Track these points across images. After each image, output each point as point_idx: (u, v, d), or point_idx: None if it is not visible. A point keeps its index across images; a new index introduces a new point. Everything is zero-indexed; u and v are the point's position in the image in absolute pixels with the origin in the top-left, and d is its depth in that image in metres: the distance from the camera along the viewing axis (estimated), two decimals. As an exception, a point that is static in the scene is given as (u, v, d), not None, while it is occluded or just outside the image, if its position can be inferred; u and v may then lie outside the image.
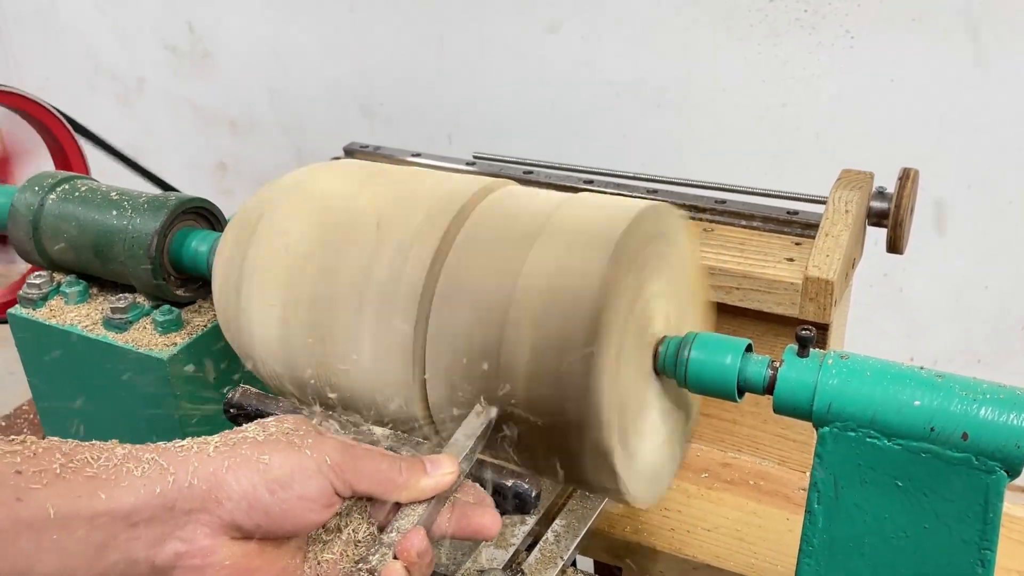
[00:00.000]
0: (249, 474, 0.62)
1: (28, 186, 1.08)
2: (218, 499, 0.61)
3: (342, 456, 0.65)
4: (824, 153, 1.84)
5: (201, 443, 0.64)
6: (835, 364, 0.71)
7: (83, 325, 1.03)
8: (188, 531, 0.61)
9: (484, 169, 1.30)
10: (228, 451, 0.63)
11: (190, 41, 2.62)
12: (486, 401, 0.75)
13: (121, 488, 0.59)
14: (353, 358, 0.81)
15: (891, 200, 1.06)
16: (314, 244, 0.84)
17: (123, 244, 1.00)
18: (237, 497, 0.61)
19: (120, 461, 0.60)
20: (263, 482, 0.62)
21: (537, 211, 0.79)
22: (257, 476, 0.62)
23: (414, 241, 0.80)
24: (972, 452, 0.66)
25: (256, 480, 0.62)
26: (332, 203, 0.87)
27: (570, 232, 0.76)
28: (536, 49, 2.07)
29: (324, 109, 2.48)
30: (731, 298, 1.04)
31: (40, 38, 2.95)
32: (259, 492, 0.62)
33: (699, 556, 1.01)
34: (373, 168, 0.93)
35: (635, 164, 1.86)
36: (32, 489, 0.56)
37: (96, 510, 0.58)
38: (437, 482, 0.68)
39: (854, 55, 1.76)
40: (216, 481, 0.61)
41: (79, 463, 0.59)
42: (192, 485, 0.61)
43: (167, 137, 2.82)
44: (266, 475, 0.62)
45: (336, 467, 0.65)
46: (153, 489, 0.60)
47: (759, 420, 1.12)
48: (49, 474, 0.58)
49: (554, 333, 0.72)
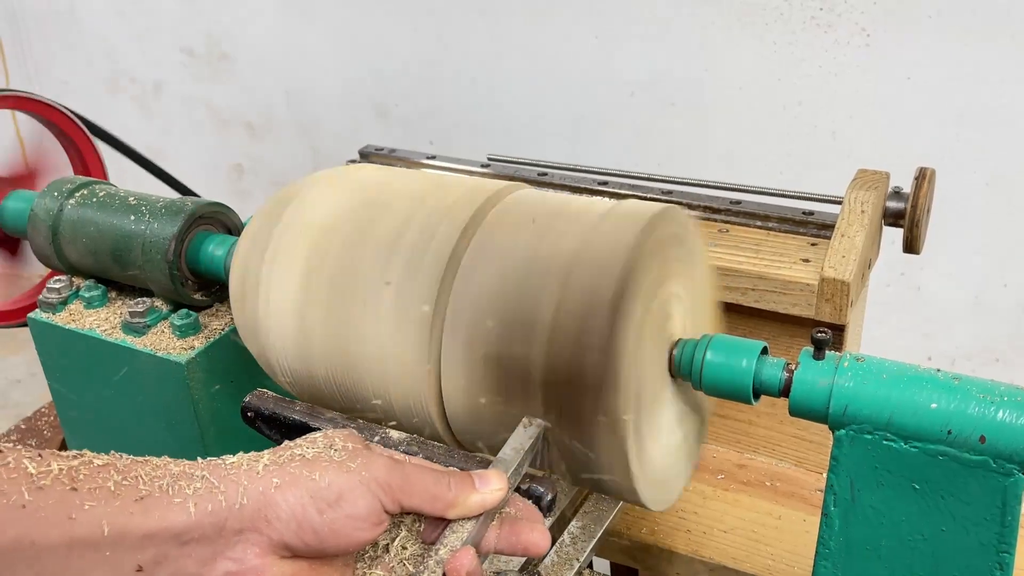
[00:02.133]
0: (298, 493, 0.62)
1: (47, 191, 1.10)
2: (268, 519, 0.61)
3: (391, 474, 0.65)
4: (840, 151, 1.84)
5: (252, 460, 0.64)
6: (851, 366, 0.70)
7: (102, 329, 1.04)
8: (238, 550, 0.61)
9: (499, 171, 1.30)
10: (278, 469, 0.63)
11: (207, 44, 2.64)
12: (505, 361, 0.75)
13: (174, 507, 0.59)
14: (371, 336, 0.81)
15: (907, 200, 1.06)
16: (341, 218, 0.85)
17: (141, 249, 1.01)
18: (286, 517, 0.61)
19: (173, 479, 0.60)
20: (312, 501, 0.62)
21: (568, 198, 0.81)
22: (306, 495, 0.62)
23: (446, 214, 0.81)
24: (990, 455, 0.65)
25: (305, 499, 0.62)
26: (365, 183, 0.89)
27: (599, 213, 0.78)
28: (551, 49, 2.07)
29: (339, 110, 2.49)
30: (746, 299, 1.04)
31: (59, 42, 2.97)
32: (308, 512, 0.62)
33: (716, 558, 1.01)
34: (396, 168, 0.94)
35: (650, 164, 1.87)
36: (87, 507, 0.57)
37: (149, 529, 0.58)
38: (486, 498, 0.67)
39: (870, 53, 1.75)
40: (266, 500, 0.61)
41: (133, 480, 0.59)
42: (242, 505, 0.61)
43: (184, 139, 2.84)
44: (315, 494, 0.62)
45: (385, 485, 0.64)
46: (205, 508, 0.60)
47: (775, 421, 1.12)
48: (104, 491, 0.58)
49: (580, 294, 0.72)
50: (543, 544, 0.69)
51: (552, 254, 0.75)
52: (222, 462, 0.64)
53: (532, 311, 0.74)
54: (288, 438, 0.84)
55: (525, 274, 0.75)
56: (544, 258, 0.75)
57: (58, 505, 0.56)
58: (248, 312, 0.89)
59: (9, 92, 1.22)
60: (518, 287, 0.75)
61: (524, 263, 0.76)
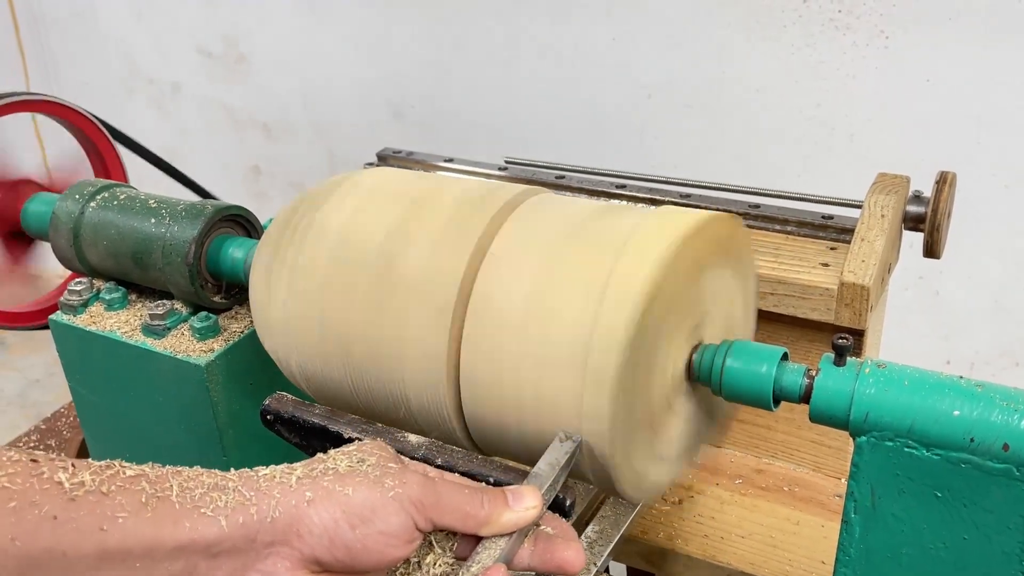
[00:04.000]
0: (331, 508, 0.61)
1: (69, 194, 1.10)
2: (299, 533, 0.61)
3: (424, 492, 0.64)
4: (859, 155, 1.83)
5: (285, 472, 0.64)
6: (872, 373, 0.70)
7: (122, 331, 1.05)
8: (269, 564, 0.61)
9: (516, 174, 1.30)
10: (311, 483, 0.63)
11: (224, 46, 2.65)
12: None
13: (205, 519, 0.59)
14: (391, 339, 0.81)
15: (928, 204, 1.05)
16: (362, 221, 0.85)
17: (161, 251, 1.02)
18: (319, 532, 0.61)
19: (206, 491, 0.60)
20: (345, 517, 0.61)
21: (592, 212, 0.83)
22: (339, 511, 0.61)
23: (489, 197, 0.82)
24: (1013, 463, 0.65)
25: (338, 515, 0.61)
26: (386, 187, 0.89)
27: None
28: (567, 51, 2.07)
29: (356, 112, 2.49)
30: (766, 304, 1.03)
31: (78, 44, 3.00)
32: (340, 527, 0.61)
33: (733, 563, 1.01)
34: (415, 172, 0.94)
35: (667, 166, 1.87)
36: (118, 518, 0.56)
37: (180, 540, 0.58)
38: (520, 517, 0.66)
39: (889, 55, 1.74)
40: (298, 514, 0.61)
41: (165, 491, 0.59)
42: (274, 518, 0.60)
43: (201, 141, 2.85)
44: (348, 510, 0.62)
45: (418, 503, 0.64)
46: (236, 521, 0.59)
47: (794, 426, 1.11)
48: (135, 503, 0.57)
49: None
50: (578, 563, 0.68)
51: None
52: (254, 474, 0.63)
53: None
54: (307, 442, 0.85)
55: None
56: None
57: (89, 516, 0.56)
58: (268, 315, 0.90)
59: (33, 96, 1.23)
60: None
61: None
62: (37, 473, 0.56)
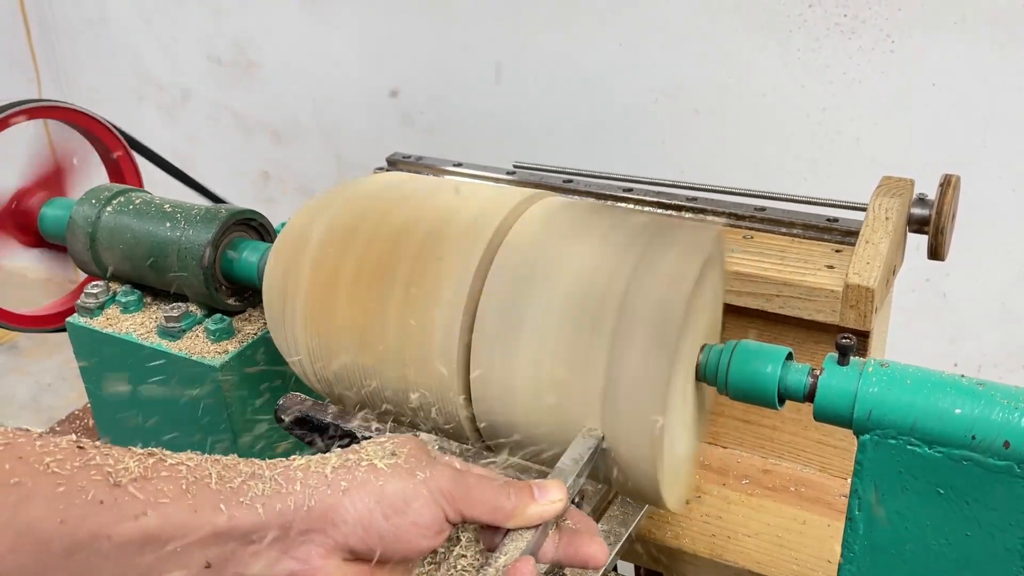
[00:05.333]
0: (365, 498, 0.63)
1: (85, 199, 1.12)
2: (334, 521, 0.62)
3: (454, 484, 0.66)
4: (864, 158, 1.83)
5: (319, 462, 0.65)
6: (875, 372, 0.71)
7: (138, 333, 1.06)
8: (303, 551, 0.62)
9: (524, 178, 1.31)
10: (345, 473, 0.64)
11: (234, 52, 2.67)
12: None
13: (243, 507, 0.60)
14: (403, 340, 0.82)
15: (932, 207, 1.06)
16: (375, 224, 0.87)
17: (176, 255, 1.04)
18: (353, 521, 0.62)
19: (244, 479, 0.62)
20: (379, 507, 0.63)
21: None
22: (373, 501, 0.63)
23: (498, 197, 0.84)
24: (1014, 460, 0.66)
25: (372, 505, 0.63)
26: (396, 190, 0.90)
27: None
28: (574, 56, 2.08)
29: (365, 118, 2.51)
30: (771, 306, 1.04)
31: (89, 51, 3.02)
32: (374, 516, 0.63)
33: (740, 562, 1.02)
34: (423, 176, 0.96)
35: (673, 170, 1.87)
36: (160, 504, 0.58)
37: (217, 527, 0.59)
38: (545, 510, 0.68)
39: (895, 59, 1.75)
40: (333, 503, 0.62)
41: (204, 479, 0.61)
42: (310, 507, 0.62)
43: (211, 146, 2.87)
44: (381, 500, 0.63)
45: (449, 495, 0.65)
46: (273, 508, 0.61)
47: (800, 427, 1.12)
48: (176, 489, 0.59)
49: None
50: (602, 557, 0.69)
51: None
52: (290, 463, 0.65)
53: None
54: (321, 440, 0.87)
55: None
56: None
57: (133, 501, 0.57)
58: (281, 316, 0.91)
59: (46, 103, 1.25)
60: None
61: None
62: (84, 459, 0.58)
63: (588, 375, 0.76)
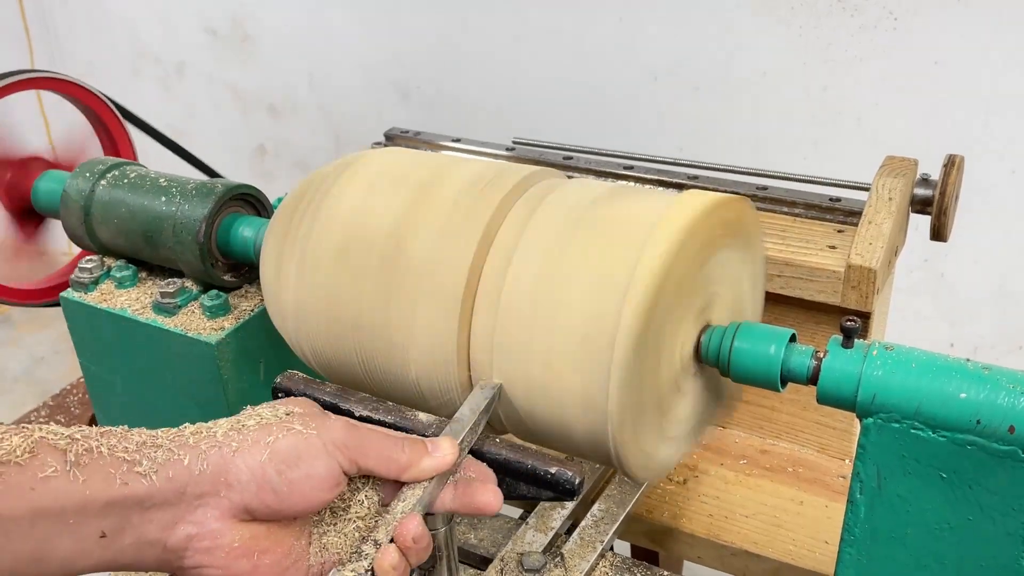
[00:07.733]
0: (257, 455, 0.64)
1: (79, 172, 1.11)
2: (228, 482, 0.64)
3: (347, 435, 0.68)
4: (866, 137, 1.82)
5: (210, 427, 0.67)
6: (880, 355, 0.71)
7: (133, 309, 1.05)
8: (199, 515, 0.63)
9: (523, 154, 1.30)
10: (236, 434, 0.66)
11: (231, 26, 2.64)
12: None
13: (135, 475, 0.61)
14: (402, 319, 0.82)
15: (935, 187, 1.05)
16: (373, 200, 0.86)
17: (172, 230, 1.02)
18: (246, 479, 0.64)
19: (136, 448, 0.63)
20: (271, 463, 0.64)
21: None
22: (265, 457, 0.64)
23: (497, 180, 0.83)
24: (1018, 445, 0.65)
25: (264, 461, 0.64)
26: (397, 166, 0.89)
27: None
28: (574, 32, 2.06)
29: (362, 93, 2.49)
30: (773, 286, 1.04)
31: (84, 23, 2.99)
32: (268, 472, 0.64)
33: (737, 542, 1.02)
34: (424, 152, 0.95)
35: (673, 148, 1.87)
36: (48, 478, 0.59)
37: (111, 496, 0.60)
38: (438, 463, 0.70)
39: (897, 37, 1.74)
40: (225, 464, 0.64)
41: (95, 450, 0.61)
42: (202, 470, 0.63)
43: (207, 120, 2.85)
44: (274, 456, 0.65)
45: (342, 446, 0.67)
46: (166, 475, 0.62)
47: (799, 407, 1.12)
48: (63, 462, 0.60)
49: None
50: (495, 504, 0.72)
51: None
52: (182, 430, 0.66)
53: None
54: (319, 418, 0.86)
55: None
56: None
57: (19, 477, 0.58)
58: (279, 296, 0.90)
59: (45, 74, 1.24)
60: None
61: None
62: None
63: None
